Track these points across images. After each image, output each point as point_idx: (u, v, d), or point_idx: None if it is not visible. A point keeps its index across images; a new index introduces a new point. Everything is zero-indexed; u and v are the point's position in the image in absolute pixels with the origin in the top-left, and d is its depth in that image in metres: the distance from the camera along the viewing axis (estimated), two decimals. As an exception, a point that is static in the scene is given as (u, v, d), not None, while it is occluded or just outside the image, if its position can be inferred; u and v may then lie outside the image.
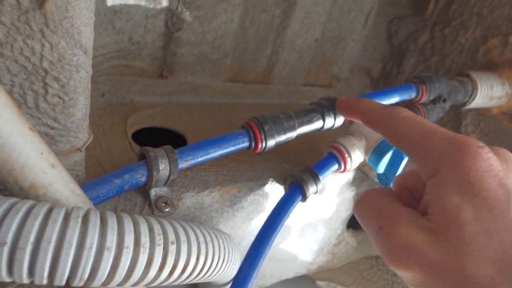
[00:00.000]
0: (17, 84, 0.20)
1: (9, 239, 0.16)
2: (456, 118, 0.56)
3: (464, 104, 0.48)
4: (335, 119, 0.37)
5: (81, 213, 0.18)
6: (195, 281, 0.23)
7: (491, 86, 0.47)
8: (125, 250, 0.18)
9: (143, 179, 0.29)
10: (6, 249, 0.16)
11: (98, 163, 0.33)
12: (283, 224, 0.35)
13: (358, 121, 0.30)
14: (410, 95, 0.43)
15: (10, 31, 0.19)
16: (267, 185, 0.38)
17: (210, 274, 0.24)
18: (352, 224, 0.56)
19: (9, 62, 0.19)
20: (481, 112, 0.54)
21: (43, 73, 0.21)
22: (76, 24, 0.20)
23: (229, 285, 0.35)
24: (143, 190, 0.30)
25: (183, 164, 0.30)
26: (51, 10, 0.19)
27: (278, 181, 0.40)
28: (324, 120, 0.37)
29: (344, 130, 0.40)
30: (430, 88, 0.43)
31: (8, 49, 0.19)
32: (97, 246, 0.17)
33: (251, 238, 0.39)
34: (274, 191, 0.40)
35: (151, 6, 0.41)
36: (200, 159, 0.31)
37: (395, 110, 0.25)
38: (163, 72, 0.47)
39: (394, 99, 0.42)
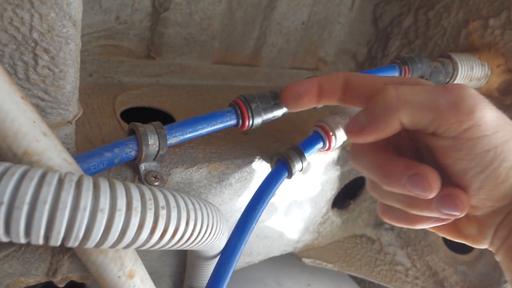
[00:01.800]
0: (7, 54, 0.21)
1: (6, 198, 0.16)
2: (438, 100, 0.58)
3: (445, 85, 0.49)
4: (320, 97, 0.38)
5: (75, 178, 0.19)
6: (185, 247, 0.24)
7: (471, 67, 0.48)
8: (117, 213, 0.19)
9: (133, 153, 0.29)
10: (3, 208, 0.16)
11: (88, 139, 0.33)
12: (270, 198, 0.37)
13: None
14: (393, 75, 0.44)
15: (-1, 1, 0.19)
16: (254, 163, 0.39)
17: (200, 241, 0.25)
18: (337, 203, 0.58)
19: (-1, 32, 0.20)
20: (461, 94, 0.55)
21: (33, 44, 0.21)
22: (65, -4, 0.20)
23: (218, 257, 0.36)
24: (133, 164, 0.31)
25: (172, 140, 0.31)
26: (40, -19, 0.19)
27: (265, 159, 0.41)
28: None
29: (329, 109, 0.41)
30: (412, 69, 0.44)
31: (-2, 19, 0.19)
32: (90, 207, 0.18)
33: (239, 215, 0.40)
34: (261, 169, 0.41)
35: (138, -15, 0.41)
36: (188, 135, 0.32)
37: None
38: (151, 53, 0.47)
39: (377, 80, 0.43)
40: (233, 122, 0.35)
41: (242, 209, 0.42)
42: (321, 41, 0.63)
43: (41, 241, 0.18)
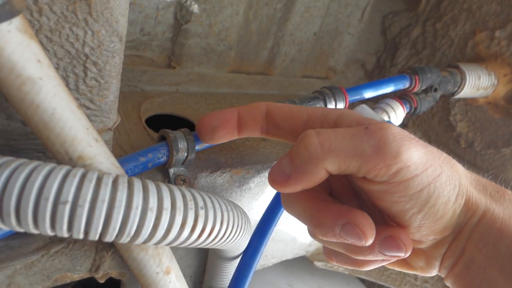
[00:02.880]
0: (61, 67, 0.23)
1: (70, 198, 0.18)
2: (445, 108, 0.60)
3: (453, 94, 0.51)
4: (335, 106, 0.40)
5: (126, 180, 0.20)
6: (217, 245, 0.26)
7: (478, 76, 0.50)
8: (164, 212, 0.21)
9: (164, 158, 0.31)
10: (68, 207, 0.18)
11: (118, 145, 0.35)
12: (288, 202, 0.38)
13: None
14: (404, 84, 0.46)
15: (59, 19, 0.21)
16: (272, 168, 0.41)
17: (230, 240, 0.27)
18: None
19: (56, 47, 0.22)
20: (468, 102, 0.57)
21: (84, 58, 0.23)
22: (115, 14, 0.23)
23: (238, 258, 0.38)
24: (163, 169, 0.33)
25: (199, 146, 0.33)
26: (95, 1, 0.21)
27: (282, 164, 0.42)
28: (325, 107, 0.40)
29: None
30: (422, 78, 0.46)
31: (57, 36, 0.21)
32: (142, 206, 0.20)
33: (256, 218, 0.42)
34: (279, 174, 0.42)
35: (162, -1, 0.44)
36: (214, 141, 0.34)
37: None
38: (171, 62, 0.49)
39: (389, 88, 0.45)
40: (254, 129, 0.36)
41: (259, 212, 0.44)
42: (331, 51, 0.66)
43: (97, 237, 0.19)
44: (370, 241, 0.20)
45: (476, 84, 0.51)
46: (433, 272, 0.23)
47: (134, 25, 0.43)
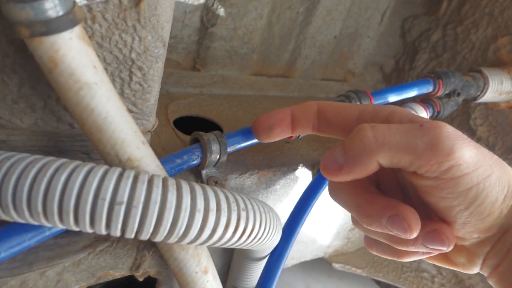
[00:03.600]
0: (109, 72, 0.24)
1: (125, 198, 0.19)
2: (465, 112, 0.60)
3: (475, 98, 0.51)
4: (361, 109, 0.41)
5: (174, 182, 0.21)
6: (252, 246, 0.27)
7: (501, 81, 0.50)
8: (210, 213, 0.21)
9: (198, 160, 0.32)
10: (123, 207, 0.19)
11: (151, 146, 0.36)
12: (313, 204, 0.39)
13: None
14: (428, 89, 0.46)
15: (110, 26, 0.22)
16: (297, 170, 0.42)
17: (265, 240, 0.27)
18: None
19: (106, 53, 0.23)
20: (489, 107, 0.57)
21: (130, 63, 0.24)
22: (161, 21, 0.23)
23: (264, 259, 0.38)
24: (195, 170, 0.33)
25: (230, 148, 0.34)
26: (144, 9, 0.22)
27: (307, 167, 0.43)
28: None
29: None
30: (446, 83, 0.46)
31: (107, 42, 0.22)
32: (190, 208, 0.20)
33: (281, 220, 0.43)
34: (303, 176, 0.43)
35: (190, 2, 0.44)
36: (244, 144, 0.34)
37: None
38: (196, 65, 0.50)
39: (413, 93, 0.45)
40: (282, 132, 0.37)
41: (284, 214, 0.44)
42: (351, 54, 0.66)
43: (147, 237, 0.20)
44: (415, 234, 0.21)
45: (499, 89, 0.51)
46: (475, 270, 0.23)
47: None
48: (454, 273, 0.64)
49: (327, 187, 0.40)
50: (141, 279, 0.28)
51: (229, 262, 0.44)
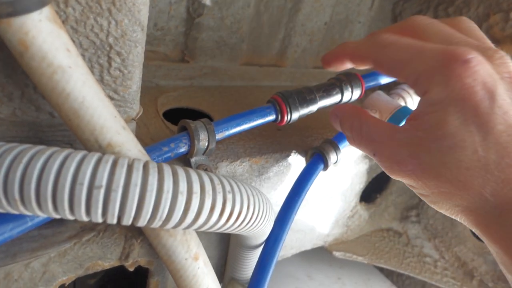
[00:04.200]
0: (86, 58, 0.23)
1: (104, 182, 0.18)
2: (460, 93, 0.59)
3: (469, 78, 0.51)
4: (352, 92, 0.40)
5: (156, 165, 0.21)
6: (242, 230, 0.26)
7: (494, 59, 0.50)
8: (194, 195, 0.21)
9: (185, 148, 0.31)
10: (102, 191, 0.18)
11: (138, 137, 0.35)
12: (308, 189, 0.38)
13: (360, 67, 0.34)
14: (420, 69, 0.46)
15: (84, 10, 0.21)
16: (290, 157, 0.41)
17: (255, 225, 0.27)
18: (364, 197, 0.60)
19: (82, 38, 0.22)
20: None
21: (108, 48, 0.23)
22: (137, 3, 0.23)
23: (260, 247, 0.38)
24: (184, 159, 0.33)
25: (219, 136, 0.33)
26: (118, -9, 0.22)
27: (300, 153, 0.42)
28: (342, 94, 0.40)
29: (359, 104, 0.43)
30: (438, 63, 0.46)
31: (82, 26, 0.22)
32: (172, 190, 0.20)
33: (276, 208, 0.42)
34: (297, 163, 0.43)
35: (174, -7, 0.44)
36: (233, 130, 0.34)
37: (379, 37, 0.26)
38: (185, 56, 0.49)
39: (404, 74, 0.45)
40: (272, 117, 0.37)
41: (279, 202, 0.44)
42: (342, 40, 0.65)
43: (130, 222, 0.20)
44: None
45: (493, 66, 0.50)
46: None
47: (148, 20, 0.44)
48: (456, 256, 0.64)
49: (320, 173, 0.40)
50: (131, 269, 0.27)
51: (226, 254, 0.44)
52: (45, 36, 0.18)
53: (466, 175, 0.20)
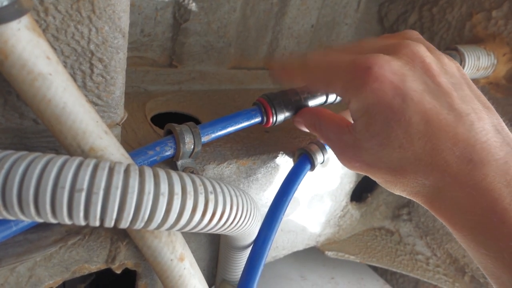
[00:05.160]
0: (68, 65, 0.24)
1: (85, 185, 0.19)
2: (447, 91, 0.60)
3: (453, 76, 0.51)
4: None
5: (137, 168, 0.21)
6: (227, 231, 0.27)
7: (477, 57, 0.51)
8: (175, 196, 0.21)
9: (171, 151, 0.32)
10: (83, 194, 0.19)
11: (126, 142, 0.36)
12: (295, 189, 0.39)
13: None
14: (404, 69, 0.46)
15: (64, 18, 0.22)
16: (278, 158, 0.42)
17: (240, 225, 0.27)
18: (355, 197, 0.60)
19: (63, 45, 0.23)
20: (469, 84, 0.57)
21: (89, 55, 0.24)
22: (117, 11, 0.23)
23: (250, 248, 0.38)
24: (171, 162, 0.33)
25: (204, 138, 0.34)
26: (97, -1, 0.22)
27: (288, 154, 0.43)
28: (327, 95, 0.40)
29: (345, 105, 0.44)
30: (421, 62, 0.46)
31: (63, 34, 0.22)
32: (154, 192, 0.21)
33: (264, 209, 0.43)
34: (284, 164, 0.43)
35: (160, -1, 0.44)
36: (219, 133, 0.35)
37: (306, 58, 0.28)
38: (173, 61, 0.50)
39: (389, 74, 0.45)
40: (258, 119, 0.37)
41: (268, 203, 0.44)
42: (330, 42, 0.66)
43: (112, 224, 0.20)
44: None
45: (476, 64, 0.51)
46: None
47: (134, 26, 0.44)
48: (448, 253, 0.64)
49: (308, 173, 0.41)
50: (118, 272, 0.27)
51: (217, 255, 0.44)
52: (25, 45, 0.19)
53: (400, 166, 0.23)
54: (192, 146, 0.32)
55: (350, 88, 0.24)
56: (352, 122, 0.27)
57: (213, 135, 0.34)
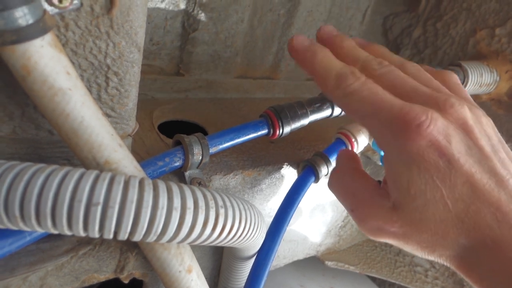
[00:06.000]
0: (85, 78, 0.24)
1: (101, 199, 0.19)
2: (449, 105, 0.61)
3: (456, 92, 0.52)
4: (342, 107, 0.41)
5: (151, 182, 0.22)
6: (234, 243, 0.27)
7: (480, 74, 0.51)
8: (188, 211, 0.22)
9: (180, 162, 0.32)
10: (99, 208, 0.19)
11: (135, 151, 0.36)
12: (299, 201, 0.39)
13: None
14: (408, 84, 0.47)
15: (83, 33, 0.22)
16: (282, 169, 0.42)
17: (247, 238, 0.28)
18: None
19: (81, 59, 0.23)
20: (472, 99, 0.58)
21: (106, 69, 0.24)
22: (134, 26, 0.24)
23: (253, 258, 0.39)
24: (178, 173, 0.34)
25: (212, 150, 0.34)
26: (116, 15, 0.23)
27: (292, 166, 0.44)
28: (333, 109, 0.41)
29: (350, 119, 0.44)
30: (425, 77, 0.47)
31: (81, 49, 0.23)
32: (167, 206, 0.21)
33: (268, 219, 0.43)
34: (289, 175, 0.44)
35: (170, 8, 0.45)
36: (226, 144, 0.35)
37: (345, 82, 0.25)
38: (180, 70, 0.50)
39: (393, 88, 0.46)
40: (265, 131, 0.38)
41: (271, 213, 0.45)
42: (335, 53, 0.67)
43: (126, 237, 0.21)
44: None
45: (479, 81, 0.52)
46: None
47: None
48: (446, 266, 0.65)
49: (312, 185, 0.41)
50: (126, 281, 0.28)
51: (219, 264, 0.45)
52: (47, 61, 0.19)
53: (442, 227, 0.21)
54: (200, 157, 0.33)
55: (392, 138, 0.23)
56: (384, 176, 0.25)
57: (221, 146, 0.35)
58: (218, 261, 0.44)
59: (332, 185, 0.29)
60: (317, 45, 0.29)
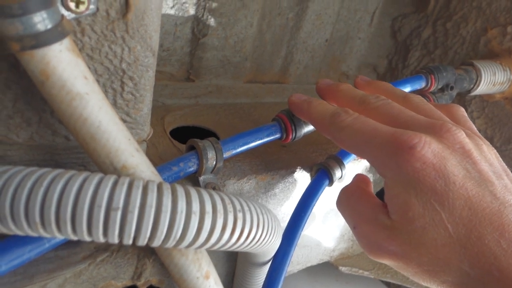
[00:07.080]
0: (101, 83, 0.24)
1: (121, 204, 0.19)
2: (461, 105, 0.60)
3: (469, 91, 0.52)
4: (355, 108, 0.41)
5: (169, 186, 0.21)
6: (251, 248, 0.27)
7: (493, 72, 0.51)
8: (206, 215, 0.21)
9: (194, 167, 0.32)
10: (119, 213, 0.19)
11: (148, 157, 0.36)
12: (314, 205, 0.39)
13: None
14: (421, 84, 0.47)
15: (99, 38, 0.22)
16: (296, 173, 0.42)
17: (264, 242, 0.27)
18: (370, 211, 0.60)
19: (97, 64, 0.23)
20: (484, 99, 0.57)
21: (121, 73, 0.24)
22: (149, 30, 0.24)
23: (268, 264, 0.38)
24: (193, 177, 0.34)
25: (226, 154, 0.34)
26: (131, 19, 0.23)
27: (305, 169, 0.43)
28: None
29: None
30: (438, 78, 0.47)
31: (97, 54, 0.23)
32: (186, 210, 0.21)
33: (282, 224, 0.43)
34: (302, 179, 0.43)
35: (180, 14, 0.45)
36: (240, 149, 0.35)
37: (339, 118, 0.26)
38: (190, 76, 0.50)
39: (406, 89, 0.45)
40: (278, 135, 0.37)
41: (285, 218, 0.44)
42: (343, 56, 0.67)
43: (145, 242, 0.20)
44: None
45: (492, 80, 0.51)
46: None
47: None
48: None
49: (326, 188, 0.41)
50: (143, 288, 0.28)
51: (233, 270, 0.44)
52: (65, 66, 0.19)
53: (444, 252, 0.21)
54: (214, 162, 0.33)
55: (387, 162, 0.23)
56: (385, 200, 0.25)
57: (234, 151, 0.34)
58: (232, 267, 0.44)
59: (339, 203, 0.29)
60: (313, 97, 0.32)
